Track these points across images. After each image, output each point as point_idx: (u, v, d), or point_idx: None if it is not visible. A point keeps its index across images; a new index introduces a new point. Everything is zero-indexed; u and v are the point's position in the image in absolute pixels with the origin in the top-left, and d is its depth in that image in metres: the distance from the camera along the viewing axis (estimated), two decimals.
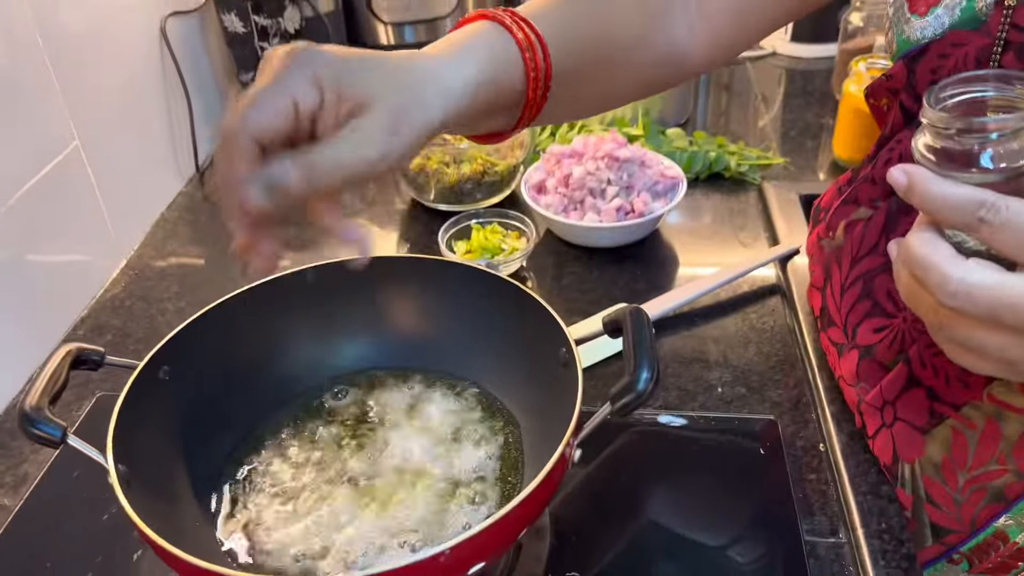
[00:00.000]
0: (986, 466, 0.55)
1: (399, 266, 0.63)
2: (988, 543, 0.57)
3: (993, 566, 0.58)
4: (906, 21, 0.58)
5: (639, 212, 0.86)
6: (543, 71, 0.52)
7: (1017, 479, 0.54)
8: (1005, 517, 0.55)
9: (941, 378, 0.55)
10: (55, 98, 0.81)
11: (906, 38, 0.58)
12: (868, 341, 0.62)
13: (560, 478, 0.48)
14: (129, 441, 0.49)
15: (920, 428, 0.57)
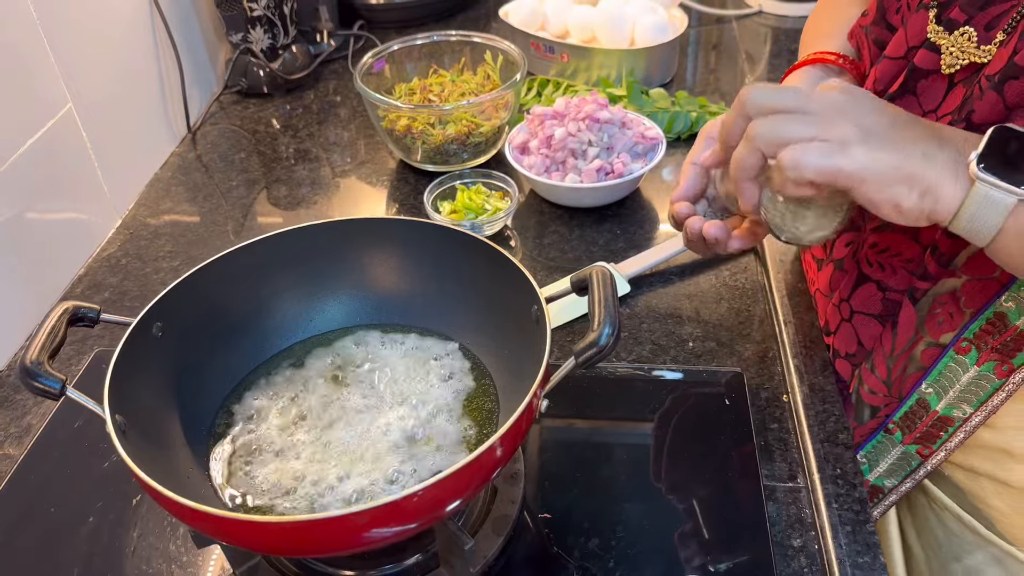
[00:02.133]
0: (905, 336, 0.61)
1: (382, 227, 0.66)
2: (913, 411, 0.63)
3: (920, 435, 0.64)
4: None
5: (619, 173, 0.88)
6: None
7: (931, 345, 0.60)
8: (925, 384, 0.61)
9: (888, 271, 0.61)
10: (47, 62, 0.83)
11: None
12: (840, 255, 0.67)
13: (527, 426, 0.51)
14: (125, 393, 0.52)
15: (876, 316, 0.63)
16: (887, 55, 0.60)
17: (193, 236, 0.93)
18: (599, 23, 1.12)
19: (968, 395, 0.59)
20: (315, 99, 1.19)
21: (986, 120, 0.50)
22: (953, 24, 0.54)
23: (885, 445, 0.66)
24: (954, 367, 0.59)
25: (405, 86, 1.04)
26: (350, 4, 1.30)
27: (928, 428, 0.63)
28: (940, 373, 0.60)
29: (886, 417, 0.65)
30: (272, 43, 1.15)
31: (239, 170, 1.05)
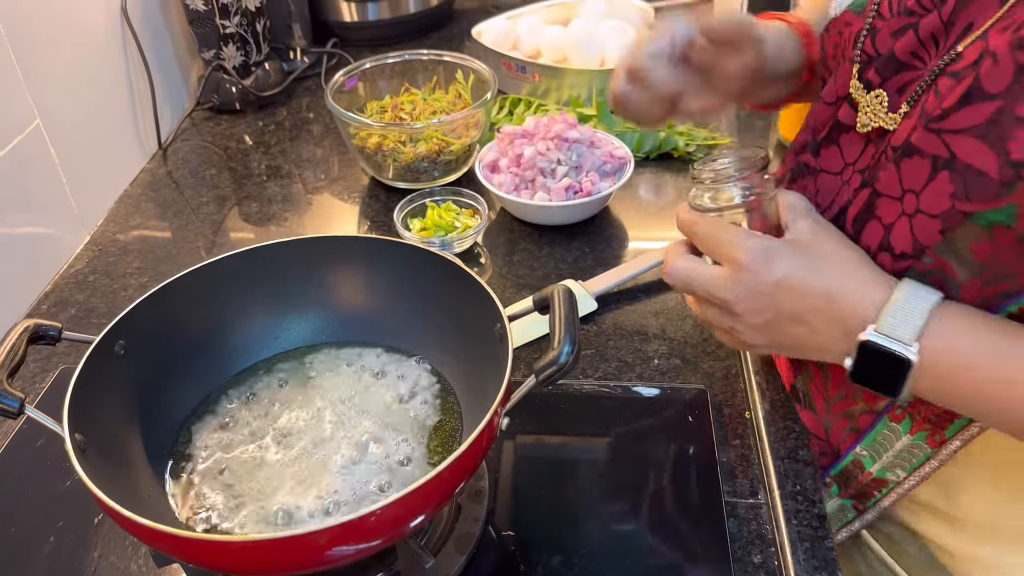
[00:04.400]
0: (840, 392, 0.62)
1: (349, 245, 0.66)
2: (848, 470, 0.64)
3: (855, 492, 0.65)
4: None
5: (587, 191, 0.89)
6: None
7: (866, 411, 0.60)
8: (860, 446, 0.62)
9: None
10: (15, 78, 0.82)
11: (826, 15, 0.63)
12: None
13: (489, 443, 0.51)
14: (85, 412, 0.52)
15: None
16: (823, 98, 0.61)
17: (162, 253, 0.93)
18: (570, 44, 1.13)
19: (902, 461, 0.60)
20: (288, 116, 1.19)
21: (887, 191, 0.51)
22: (870, 84, 0.55)
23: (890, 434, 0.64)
24: (888, 434, 0.60)
25: (377, 104, 1.05)
26: (323, 22, 1.31)
27: (863, 487, 0.64)
28: (874, 439, 0.61)
29: (824, 470, 0.66)
30: (245, 60, 1.15)
31: (210, 186, 1.05)
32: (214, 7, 1.09)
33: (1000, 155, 0.44)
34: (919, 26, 0.51)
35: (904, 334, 0.48)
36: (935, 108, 0.47)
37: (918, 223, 0.49)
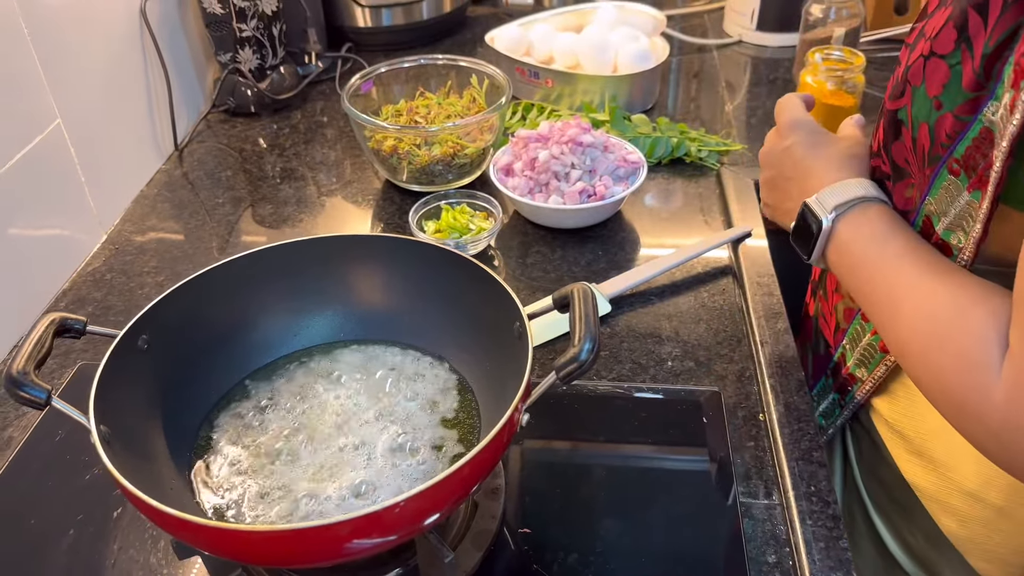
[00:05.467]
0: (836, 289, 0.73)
1: (367, 244, 0.67)
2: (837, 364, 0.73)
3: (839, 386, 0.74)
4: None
5: (600, 195, 0.90)
6: None
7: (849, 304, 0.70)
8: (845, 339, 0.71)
9: None
10: (37, 78, 0.83)
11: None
12: None
13: (508, 439, 0.52)
14: (109, 404, 0.52)
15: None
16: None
17: (178, 252, 0.94)
18: (583, 50, 1.14)
19: (865, 360, 0.68)
20: (302, 119, 1.20)
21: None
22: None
23: (824, 389, 0.76)
24: (858, 330, 0.69)
25: (392, 107, 1.06)
26: (338, 27, 1.32)
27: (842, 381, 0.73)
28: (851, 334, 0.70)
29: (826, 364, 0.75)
30: (260, 63, 1.16)
31: (225, 188, 1.06)
32: (231, 11, 1.10)
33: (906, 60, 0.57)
34: None
35: (829, 203, 0.61)
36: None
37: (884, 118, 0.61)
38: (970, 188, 0.53)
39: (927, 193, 0.57)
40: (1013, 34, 0.48)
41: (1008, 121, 0.47)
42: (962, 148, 0.53)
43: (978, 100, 0.51)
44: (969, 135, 0.52)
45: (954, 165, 0.54)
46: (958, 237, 0.55)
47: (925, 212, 0.57)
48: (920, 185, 0.57)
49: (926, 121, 0.55)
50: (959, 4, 0.52)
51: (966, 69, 0.51)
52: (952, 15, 0.52)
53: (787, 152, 0.68)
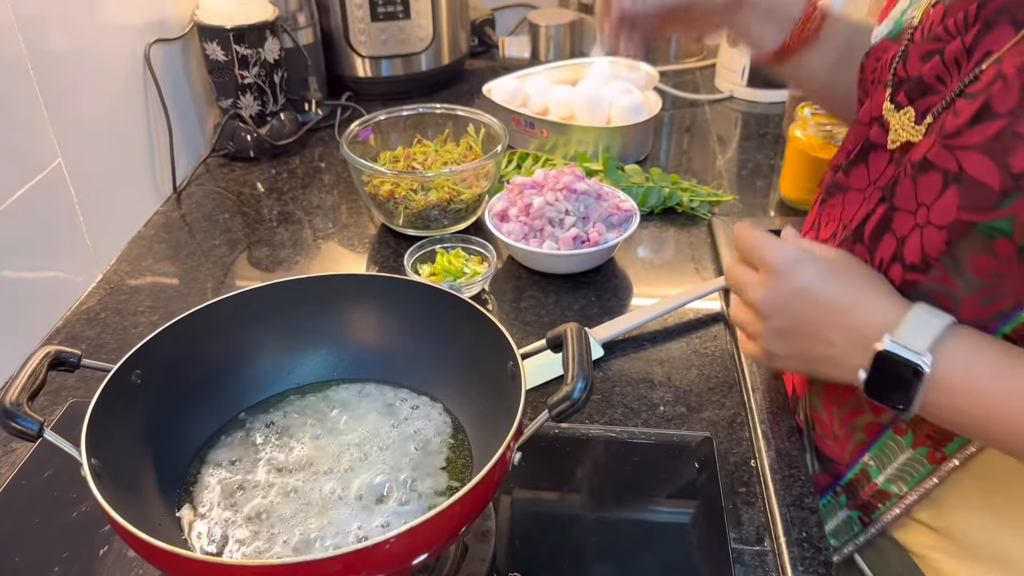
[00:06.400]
0: (849, 404, 0.64)
1: (362, 283, 0.68)
2: (857, 480, 0.65)
3: (862, 503, 0.66)
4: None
5: (594, 241, 0.91)
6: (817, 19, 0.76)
7: (872, 421, 0.62)
8: (867, 455, 0.63)
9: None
10: (40, 116, 0.85)
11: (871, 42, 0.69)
12: None
13: (500, 478, 0.52)
14: (101, 438, 0.52)
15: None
16: (858, 119, 0.65)
17: (173, 293, 0.94)
18: (577, 103, 1.17)
19: (904, 474, 0.62)
20: (300, 164, 1.22)
21: (903, 205, 0.54)
22: (900, 105, 0.59)
23: (832, 506, 0.68)
24: (893, 445, 0.62)
25: (390, 154, 1.07)
26: (338, 76, 1.35)
27: (869, 498, 0.65)
28: (880, 448, 0.62)
29: (834, 480, 0.67)
30: (261, 109, 1.18)
31: (222, 230, 1.06)
32: (234, 58, 1.13)
33: (1002, 168, 0.47)
34: (944, 51, 0.55)
35: (919, 344, 0.51)
36: (951, 126, 0.51)
37: (927, 234, 0.52)
38: None
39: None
40: None
41: None
42: None
43: None
44: None
45: None
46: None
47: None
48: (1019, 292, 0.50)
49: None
50: None
51: None
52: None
53: (801, 295, 0.57)
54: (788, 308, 0.58)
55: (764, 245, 0.59)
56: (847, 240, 0.60)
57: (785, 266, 0.57)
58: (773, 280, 0.58)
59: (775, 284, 0.58)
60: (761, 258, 0.59)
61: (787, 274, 0.57)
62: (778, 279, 0.58)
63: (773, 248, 0.59)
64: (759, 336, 0.61)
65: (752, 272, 0.61)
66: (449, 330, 0.64)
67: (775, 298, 0.58)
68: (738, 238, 0.63)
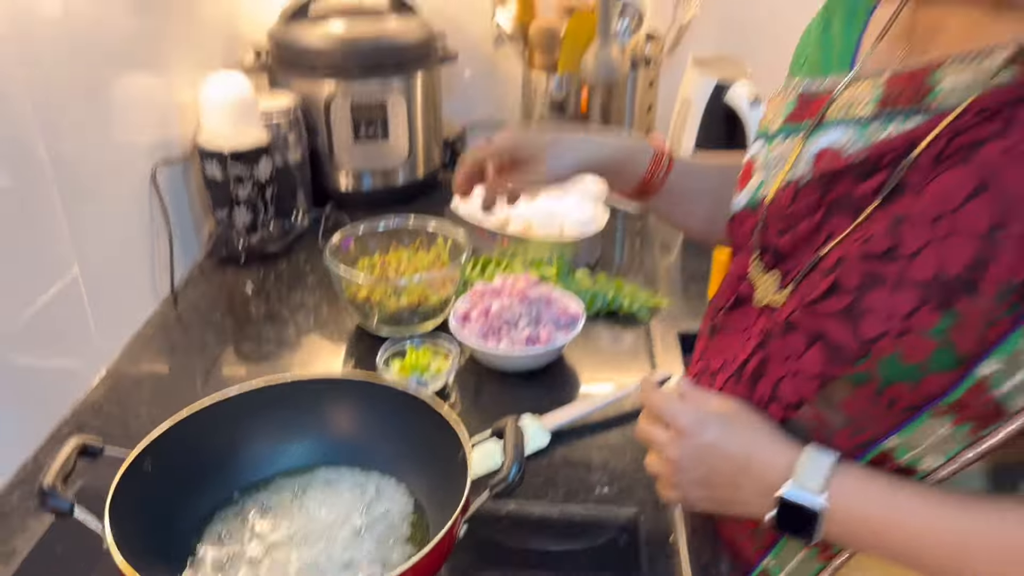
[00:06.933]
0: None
1: (339, 385, 0.81)
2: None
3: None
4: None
5: (544, 341, 1.05)
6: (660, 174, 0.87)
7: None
8: (768, 558, 0.72)
9: None
10: (61, 224, 0.98)
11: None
12: None
13: (449, 546, 0.63)
14: (120, 515, 0.63)
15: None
16: (731, 271, 0.77)
17: (169, 386, 1.06)
18: (535, 216, 1.32)
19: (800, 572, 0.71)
20: (287, 268, 1.35)
21: (776, 355, 0.66)
22: (765, 267, 0.71)
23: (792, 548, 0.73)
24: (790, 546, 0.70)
25: (367, 260, 1.21)
26: (324, 188, 1.50)
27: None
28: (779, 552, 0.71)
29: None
30: (253, 219, 1.32)
31: (214, 329, 1.19)
32: (229, 177, 1.27)
33: (855, 334, 0.59)
34: (797, 228, 0.68)
35: (814, 486, 0.61)
36: (810, 295, 0.63)
37: (799, 381, 0.64)
38: (956, 423, 0.57)
39: (891, 433, 0.60)
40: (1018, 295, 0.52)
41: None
42: (953, 397, 0.56)
43: (975, 360, 0.54)
44: (963, 386, 0.55)
45: (941, 408, 0.57)
46: (931, 462, 0.59)
47: (883, 448, 0.61)
48: (878, 428, 0.60)
49: (905, 380, 0.57)
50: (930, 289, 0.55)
51: (961, 340, 0.54)
52: (925, 298, 0.55)
53: (710, 451, 0.66)
54: (701, 462, 0.67)
55: (672, 409, 0.69)
56: (732, 377, 0.72)
57: (693, 427, 0.67)
58: (684, 439, 0.67)
59: (687, 443, 0.67)
60: (672, 420, 0.68)
61: (696, 434, 0.66)
62: (688, 438, 0.67)
63: (680, 412, 0.68)
64: (677, 486, 0.69)
65: (664, 431, 0.69)
66: (412, 424, 0.77)
67: (688, 454, 0.67)
68: (645, 399, 0.72)
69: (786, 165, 0.71)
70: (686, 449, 0.68)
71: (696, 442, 0.67)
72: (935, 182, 0.57)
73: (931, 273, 0.55)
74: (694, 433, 0.67)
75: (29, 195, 0.92)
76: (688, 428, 0.67)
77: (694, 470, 0.68)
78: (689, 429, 0.67)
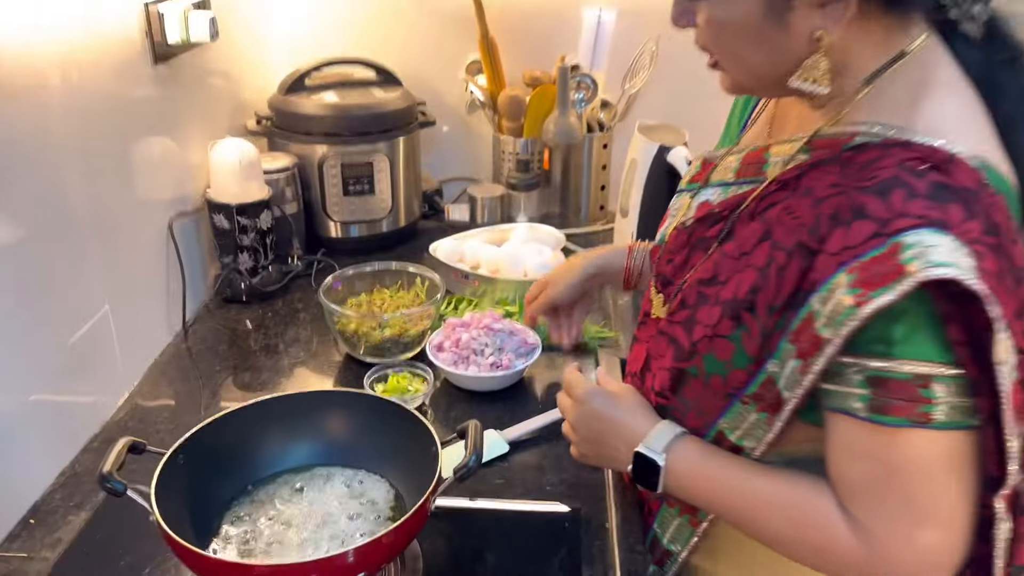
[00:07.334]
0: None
1: (336, 398, 0.99)
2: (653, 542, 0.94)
3: (658, 559, 0.94)
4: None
5: (506, 366, 1.23)
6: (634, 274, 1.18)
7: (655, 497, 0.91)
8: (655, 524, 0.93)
9: None
10: (97, 271, 1.16)
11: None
12: None
13: (423, 518, 0.81)
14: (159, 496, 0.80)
15: None
16: (645, 294, 0.98)
17: (181, 407, 1.23)
18: (502, 260, 1.52)
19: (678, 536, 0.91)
20: (283, 306, 1.53)
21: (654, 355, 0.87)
22: (658, 289, 0.92)
23: (669, 516, 0.92)
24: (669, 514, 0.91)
25: (355, 299, 1.40)
26: (316, 236, 1.69)
27: (661, 555, 0.92)
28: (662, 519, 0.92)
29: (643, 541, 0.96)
30: (254, 264, 1.51)
31: (220, 359, 1.36)
32: (235, 227, 1.46)
33: (689, 338, 0.80)
34: (675, 261, 0.89)
35: (656, 447, 0.82)
36: (672, 310, 0.85)
37: (663, 375, 0.85)
38: (758, 411, 0.77)
39: (720, 417, 0.80)
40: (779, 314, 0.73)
41: (799, 382, 0.72)
42: (752, 389, 0.76)
43: (762, 360, 0.74)
44: (758, 381, 0.75)
45: (745, 398, 0.77)
46: (750, 444, 0.79)
47: (718, 428, 0.81)
48: (711, 412, 0.80)
49: (718, 374, 0.78)
50: (728, 306, 0.76)
51: (748, 345, 0.75)
52: (725, 313, 0.77)
53: (594, 414, 0.89)
54: (587, 425, 0.90)
55: (575, 383, 0.92)
56: (636, 375, 0.93)
57: (584, 397, 0.90)
58: (579, 407, 0.91)
59: (579, 409, 0.91)
60: (572, 392, 0.92)
61: (586, 402, 0.90)
62: (580, 405, 0.91)
63: (579, 385, 0.92)
64: (576, 444, 0.93)
65: (569, 400, 0.93)
66: (393, 429, 0.94)
67: (580, 418, 0.91)
68: (564, 378, 0.96)
69: (679, 213, 0.92)
70: (579, 414, 0.91)
71: (585, 408, 0.91)
72: (743, 230, 0.78)
73: (731, 295, 0.76)
74: (584, 401, 0.91)
75: (72, 243, 1.10)
76: (581, 397, 0.91)
77: (584, 429, 0.91)
78: (581, 398, 0.91)
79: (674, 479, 0.82)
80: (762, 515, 0.79)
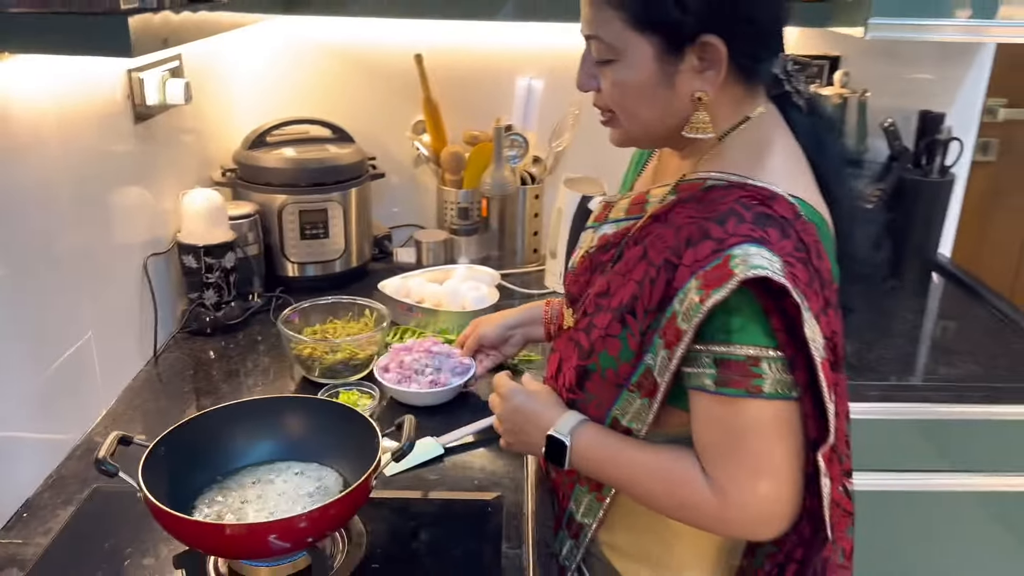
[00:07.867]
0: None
1: (293, 402, 1.16)
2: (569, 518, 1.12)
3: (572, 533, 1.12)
4: None
5: (444, 383, 1.42)
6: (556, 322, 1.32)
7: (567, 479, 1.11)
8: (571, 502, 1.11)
9: None
10: (82, 302, 1.32)
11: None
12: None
13: (365, 494, 0.98)
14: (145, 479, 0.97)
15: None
16: (559, 311, 1.19)
17: (153, 421, 1.38)
18: (443, 295, 1.71)
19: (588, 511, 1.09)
20: (244, 338, 1.69)
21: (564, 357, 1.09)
22: (568, 305, 1.13)
23: (580, 493, 1.09)
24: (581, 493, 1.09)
25: (310, 329, 1.57)
26: (275, 275, 1.87)
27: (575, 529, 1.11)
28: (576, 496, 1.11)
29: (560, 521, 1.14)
30: (218, 299, 1.68)
31: (186, 384, 1.52)
32: (202, 265, 1.63)
33: (588, 339, 1.01)
34: (579, 281, 1.10)
35: (563, 430, 1.02)
36: (577, 320, 1.05)
37: (570, 372, 1.05)
38: (641, 396, 0.96)
39: (613, 405, 0.99)
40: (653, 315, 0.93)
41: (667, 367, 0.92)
42: (635, 379, 0.95)
43: (641, 354, 0.94)
44: (639, 371, 0.95)
45: (631, 387, 0.96)
46: (637, 426, 0.97)
47: (612, 415, 0.99)
48: (607, 401, 0.99)
49: (611, 367, 0.98)
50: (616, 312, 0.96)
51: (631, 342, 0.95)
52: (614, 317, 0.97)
53: (517, 409, 1.10)
54: (511, 418, 1.11)
55: (500, 384, 1.14)
56: (552, 377, 1.13)
57: (507, 394, 1.11)
58: (505, 403, 1.12)
59: (506, 405, 1.12)
60: (500, 390, 1.14)
61: (509, 398, 1.11)
62: (505, 401, 1.12)
63: (504, 385, 1.13)
64: (504, 434, 1.14)
65: (498, 398, 1.14)
66: (341, 427, 1.12)
67: (505, 412, 1.12)
68: (494, 380, 1.17)
69: (584, 244, 1.13)
70: (505, 409, 1.12)
71: (510, 404, 1.10)
72: (629, 253, 1.00)
73: (618, 303, 0.97)
74: (508, 398, 1.12)
75: (61, 277, 1.27)
76: (506, 395, 1.12)
77: (509, 422, 1.10)
78: (507, 395, 1.12)
79: (577, 455, 1.01)
80: (642, 479, 0.99)
